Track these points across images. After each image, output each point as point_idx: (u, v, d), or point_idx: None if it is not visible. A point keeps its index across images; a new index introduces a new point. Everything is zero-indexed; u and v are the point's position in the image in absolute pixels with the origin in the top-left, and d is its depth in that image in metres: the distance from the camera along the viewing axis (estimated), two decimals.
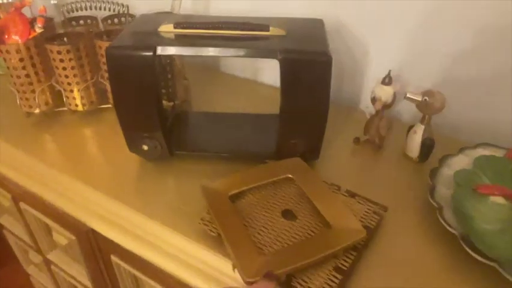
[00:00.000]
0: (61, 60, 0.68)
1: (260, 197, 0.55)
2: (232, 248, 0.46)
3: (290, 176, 0.57)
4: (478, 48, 0.67)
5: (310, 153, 0.62)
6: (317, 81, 0.54)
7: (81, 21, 0.81)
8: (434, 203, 0.53)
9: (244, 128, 0.70)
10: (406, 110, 0.76)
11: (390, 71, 0.64)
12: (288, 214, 0.53)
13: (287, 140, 0.60)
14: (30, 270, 1.01)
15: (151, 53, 0.52)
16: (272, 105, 0.80)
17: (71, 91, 0.72)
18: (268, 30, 0.56)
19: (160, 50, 0.53)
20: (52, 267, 0.86)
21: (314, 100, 0.55)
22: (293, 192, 0.56)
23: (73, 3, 0.74)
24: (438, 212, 0.52)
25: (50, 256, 0.83)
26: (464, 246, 0.48)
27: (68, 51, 0.68)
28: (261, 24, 0.56)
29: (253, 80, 0.95)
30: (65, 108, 0.75)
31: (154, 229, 0.56)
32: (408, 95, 0.60)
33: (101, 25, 0.80)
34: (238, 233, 0.48)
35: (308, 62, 0.52)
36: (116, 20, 0.81)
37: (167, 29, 0.57)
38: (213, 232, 0.51)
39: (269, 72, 0.93)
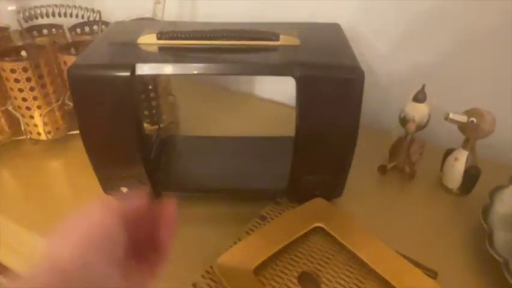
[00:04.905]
0: (16, 80, 0.55)
1: (290, 262, 0.43)
2: None
3: (320, 225, 0.45)
4: None
5: (332, 190, 0.50)
6: (345, 103, 0.42)
7: (44, 31, 0.68)
8: (499, 257, 0.42)
9: (247, 156, 0.58)
10: (440, 129, 0.64)
11: (424, 85, 0.52)
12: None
13: (303, 175, 0.48)
14: None
15: (127, 73, 0.40)
16: (274, 125, 0.67)
17: (31, 117, 0.59)
18: (278, 40, 0.44)
19: (140, 69, 0.40)
20: None
21: (340, 126, 0.43)
22: (329, 246, 0.44)
23: (31, 8, 0.61)
24: (504, 268, 0.41)
25: None
26: None
27: (24, 69, 0.54)
28: (269, 32, 0.44)
29: (248, 93, 0.83)
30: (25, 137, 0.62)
31: None
32: (451, 116, 0.48)
33: (68, 35, 0.66)
34: None
35: (334, 80, 0.40)
36: (87, 29, 0.68)
37: (148, 40, 0.45)
38: None
39: (267, 85, 0.81)
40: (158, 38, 0.45)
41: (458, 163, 0.53)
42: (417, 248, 0.45)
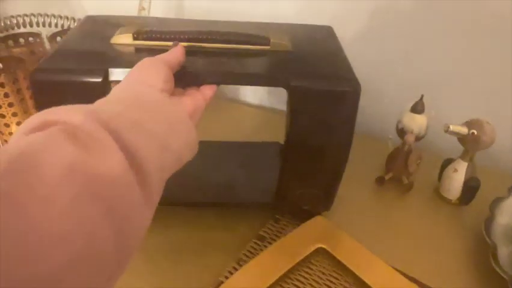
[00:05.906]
0: None
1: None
2: None
3: (322, 246, 0.43)
4: None
5: (321, 204, 0.47)
6: (339, 115, 0.39)
7: (21, 40, 0.64)
8: (505, 275, 0.40)
9: (231, 164, 0.54)
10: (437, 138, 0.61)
11: (422, 95, 0.50)
12: None
13: (292, 190, 0.45)
14: None
15: (99, 79, 0.36)
16: (259, 130, 0.64)
17: (11, 134, 0.55)
18: (268, 44, 0.41)
19: (113, 75, 0.36)
20: None
21: (333, 139, 0.41)
22: (332, 269, 0.42)
23: (6, 18, 0.57)
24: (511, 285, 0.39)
25: None
26: None
27: (1, 85, 0.51)
28: (259, 36, 0.41)
29: (231, 98, 0.79)
30: None
31: None
32: (451, 128, 0.46)
33: (47, 45, 0.63)
34: None
35: (329, 92, 0.38)
36: None
37: (123, 40, 0.40)
38: None
39: (251, 89, 0.77)
40: (135, 38, 0.40)
41: (458, 174, 0.51)
42: (419, 265, 0.43)
